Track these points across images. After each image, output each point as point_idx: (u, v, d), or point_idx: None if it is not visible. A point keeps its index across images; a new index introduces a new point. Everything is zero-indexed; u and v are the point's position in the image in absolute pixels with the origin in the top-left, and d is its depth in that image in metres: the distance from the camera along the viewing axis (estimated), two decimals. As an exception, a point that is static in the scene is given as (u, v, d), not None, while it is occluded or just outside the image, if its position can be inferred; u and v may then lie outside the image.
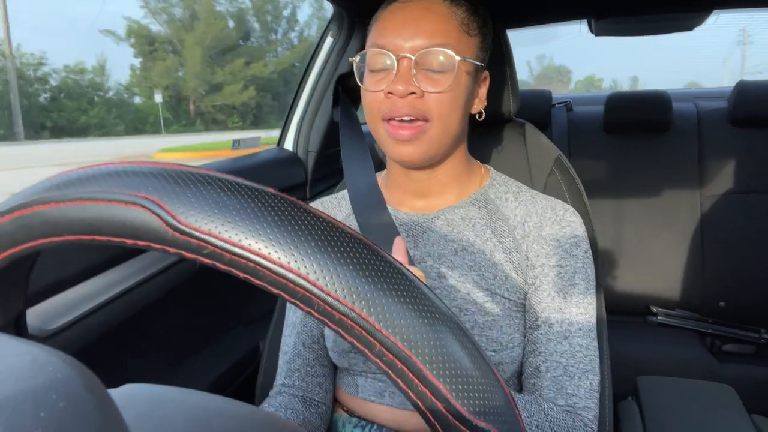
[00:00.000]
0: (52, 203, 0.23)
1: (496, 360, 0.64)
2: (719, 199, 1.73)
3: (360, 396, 0.69)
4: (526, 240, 0.68)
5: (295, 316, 0.76)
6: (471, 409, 0.21)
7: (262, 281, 0.21)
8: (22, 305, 0.30)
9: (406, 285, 0.22)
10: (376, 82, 0.65)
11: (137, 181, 0.22)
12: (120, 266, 0.83)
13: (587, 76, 47.21)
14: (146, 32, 24.13)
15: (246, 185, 0.23)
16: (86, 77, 23.93)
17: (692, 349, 1.60)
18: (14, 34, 34.80)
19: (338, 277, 0.21)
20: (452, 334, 0.22)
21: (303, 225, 0.22)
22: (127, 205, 0.22)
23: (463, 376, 0.21)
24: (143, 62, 24.56)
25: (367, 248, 0.22)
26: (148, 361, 0.92)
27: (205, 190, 0.22)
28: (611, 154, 1.85)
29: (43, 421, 0.14)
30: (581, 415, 0.61)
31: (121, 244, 0.22)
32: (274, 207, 0.22)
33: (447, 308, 0.23)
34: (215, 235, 0.21)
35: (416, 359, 0.21)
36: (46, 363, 0.16)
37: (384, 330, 0.21)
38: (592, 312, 0.66)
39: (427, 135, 0.64)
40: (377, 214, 0.70)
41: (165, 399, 0.23)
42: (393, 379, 0.22)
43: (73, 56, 28.28)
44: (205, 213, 0.21)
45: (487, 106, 0.73)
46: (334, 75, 1.32)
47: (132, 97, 25.06)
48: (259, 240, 0.21)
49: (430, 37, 0.62)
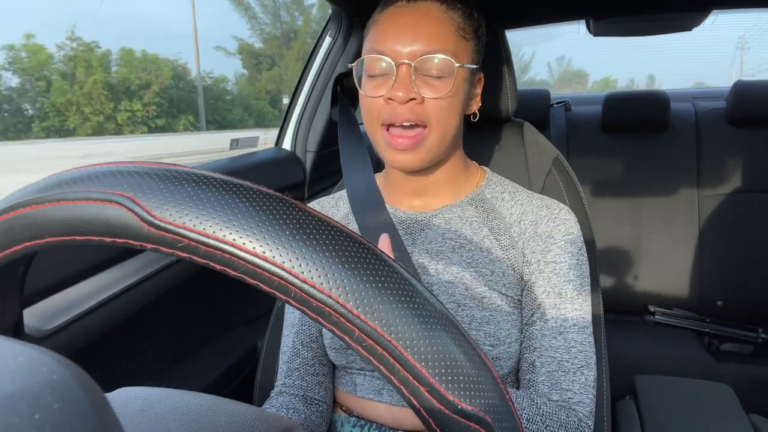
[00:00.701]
0: (33, 205, 0.23)
1: (494, 355, 0.64)
2: (717, 199, 1.73)
3: (358, 394, 0.69)
4: (522, 237, 0.69)
5: (293, 316, 0.76)
6: (456, 393, 0.21)
7: (239, 272, 0.21)
8: (18, 312, 0.30)
9: (384, 270, 0.22)
10: (375, 88, 0.65)
11: (114, 179, 0.22)
12: (117, 266, 0.83)
13: (603, 78, 48.49)
14: (251, 49, 29.64)
15: (221, 179, 0.23)
16: (221, 85, 30.13)
17: (690, 349, 1.60)
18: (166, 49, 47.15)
19: (314, 264, 0.21)
20: (435, 320, 0.22)
21: (277, 214, 0.21)
22: (104, 203, 0.22)
23: (447, 361, 0.21)
24: (250, 72, 30.30)
25: (343, 235, 0.22)
26: (146, 361, 0.91)
27: (180, 186, 0.22)
28: (609, 154, 1.86)
29: (38, 423, 0.14)
30: (576, 410, 0.61)
31: (100, 242, 0.22)
32: (248, 198, 0.22)
33: (431, 294, 0.23)
34: (189, 228, 0.21)
35: (396, 344, 0.21)
36: (41, 364, 0.16)
37: (362, 315, 0.21)
38: (587, 308, 0.66)
39: (425, 143, 0.65)
40: (376, 213, 0.71)
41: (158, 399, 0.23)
42: (375, 365, 0.21)
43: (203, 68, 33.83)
44: (179, 207, 0.21)
45: (486, 106, 0.73)
46: (332, 75, 1.32)
47: (253, 99, 30.53)
48: (233, 231, 0.21)
49: (429, 43, 0.63)
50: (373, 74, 0.66)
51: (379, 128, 0.66)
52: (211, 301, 1.10)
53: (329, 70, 1.32)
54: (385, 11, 0.67)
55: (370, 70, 0.66)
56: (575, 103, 2.08)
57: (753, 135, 1.75)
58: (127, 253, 0.85)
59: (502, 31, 0.87)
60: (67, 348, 0.71)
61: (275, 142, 1.43)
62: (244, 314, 1.21)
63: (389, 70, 0.64)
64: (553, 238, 0.68)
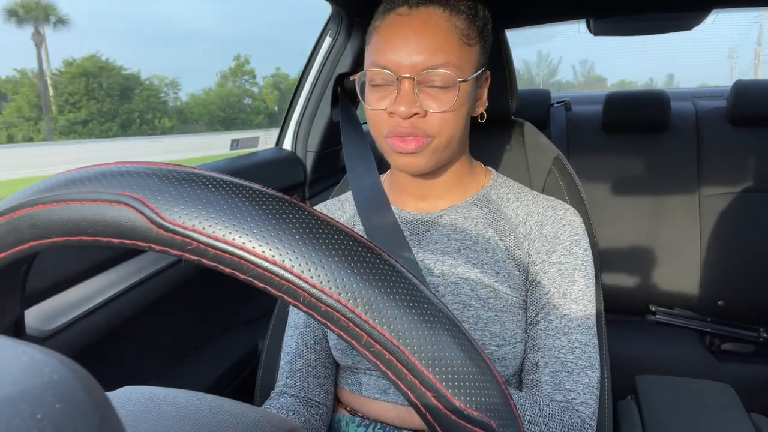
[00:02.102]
0: (40, 205, 0.23)
1: (500, 355, 0.64)
2: (718, 198, 1.73)
3: (364, 394, 0.69)
4: (527, 238, 0.69)
5: (297, 317, 0.76)
6: (463, 399, 0.21)
7: (248, 275, 0.21)
8: (19, 311, 0.30)
9: (393, 276, 0.22)
10: (378, 100, 0.64)
11: (123, 180, 0.22)
12: (119, 266, 0.83)
13: (620, 80, 52.26)
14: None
15: (230, 181, 0.22)
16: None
17: (691, 349, 1.60)
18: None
19: (324, 268, 0.21)
20: (442, 325, 0.22)
21: (287, 218, 0.21)
22: (113, 204, 0.22)
23: (454, 366, 0.21)
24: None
25: (353, 240, 0.22)
26: (147, 361, 0.92)
27: (190, 188, 0.22)
28: (610, 153, 1.85)
29: (40, 423, 0.14)
30: (579, 411, 0.61)
31: (108, 243, 0.22)
32: (258, 201, 0.22)
33: (437, 299, 0.23)
34: (199, 231, 0.21)
35: (404, 349, 0.21)
36: (43, 364, 0.16)
37: (371, 321, 0.21)
38: (592, 309, 0.66)
39: (430, 147, 0.64)
40: (381, 214, 0.71)
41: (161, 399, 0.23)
42: (383, 370, 0.21)
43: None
44: (189, 209, 0.21)
45: (487, 106, 0.73)
46: (332, 75, 1.32)
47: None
48: (243, 234, 0.21)
49: (431, 56, 0.61)
50: (375, 84, 0.65)
51: (384, 139, 0.65)
52: (212, 301, 1.10)
53: (329, 70, 1.32)
54: (386, 18, 0.65)
55: (372, 81, 0.65)
56: (575, 102, 2.08)
57: (754, 134, 1.74)
58: (129, 253, 0.85)
59: (503, 31, 0.87)
60: (69, 348, 0.71)
61: (276, 143, 1.43)
62: (245, 314, 1.21)
63: (391, 83, 0.63)
64: (558, 239, 0.68)
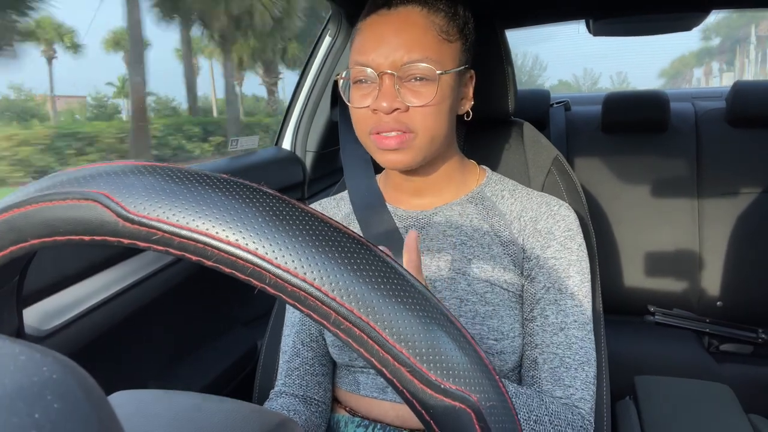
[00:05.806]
0: (14, 209, 0.23)
1: (498, 349, 0.65)
2: (717, 199, 1.73)
3: (361, 393, 0.70)
4: (522, 234, 0.70)
5: (293, 316, 0.77)
6: (438, 372, 0.20)
7: (213, 261, 0.21)
8: (17, 323, 0.30)
9: (360, 252, 0.22)
10: (361, 98, 0.66)
11: (89, 178, 0.22)
12: (117, 266, 0.83)
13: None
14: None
15: (193, 171, 0.23)
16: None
17: (690, 349, 1.60)
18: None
19: (288, 249, 0.21)
20: (413, 299, 0.21)
21: (249, 202, 0.21)
22: (80, 201, 0.22)
23: (427, 340, 0.21)
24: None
25: (317, 220, 0.22)
26: (145, 361, 0.91)
27: (154, 180, 0.22)
28: (609, 153, 1.85)
29: (38, 422, 0.14)
30: (578, 407, 0.62)
31: (80, 241, 0.23)
32: (221, 189, 0.22)
33: (409, 274, 0.22)
34: (163, 221, 0.21)
35: (374, 324, 0.20)
36: (41, 363, 0.16)
37: (338, 298, 0.20)
38: (588, 305, 0.67)
39: (413, 144, 0.65)
40: (377, 212, 0.72)
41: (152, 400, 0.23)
42: (355, 348, 0.21)
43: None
44: (152, 201, 0.21)
45: (486, 105, 0.73)
46: (332, 74, 1.32)
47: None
48: (207, 221, 0.21)
49: (409, 51, 0.63)
50: (358, 82, 0.66)
51: (368, 136, 0.67)
52: (211, 301, 1.10)
53: (329, 70, 1.32)
54: (367, 19, 0.67)
55: (355, 80, 0.67)
56: (575, 103, 2.08)
57: (753, 135, 1.74)
58: (127, 252, 0.85)
59: (502, 31, 0.87)
60: (67, 348, 0.71)
61: (275, 142, 1.43)
62: (244, 314, 1.21)
63: (373, 80, 0.64)
64: (552, 234, 0.69)
